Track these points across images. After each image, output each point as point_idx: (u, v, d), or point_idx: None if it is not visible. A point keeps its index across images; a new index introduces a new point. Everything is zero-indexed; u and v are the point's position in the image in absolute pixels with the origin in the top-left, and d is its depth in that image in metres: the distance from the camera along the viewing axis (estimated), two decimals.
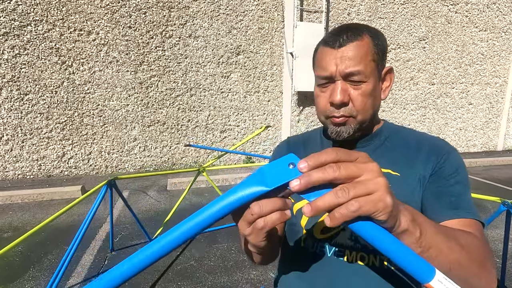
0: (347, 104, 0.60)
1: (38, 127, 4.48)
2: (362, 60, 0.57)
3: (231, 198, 0.33)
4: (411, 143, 0.66)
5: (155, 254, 0.33)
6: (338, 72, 0.58)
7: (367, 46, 0.58)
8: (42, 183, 4.33)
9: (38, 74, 4.35)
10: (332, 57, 0.59)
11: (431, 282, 0.31)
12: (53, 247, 2.60)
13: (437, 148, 0.63)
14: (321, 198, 0.31)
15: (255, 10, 5.06)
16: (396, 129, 0.71)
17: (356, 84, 0.59)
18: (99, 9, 4.41)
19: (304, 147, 0.74)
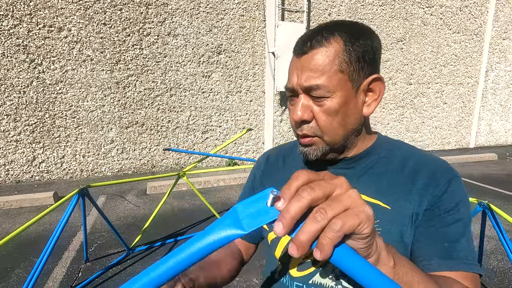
0: (309, 122, 0.51)
1: (5, 130, 4.18)
2: (324, 71, 0.48)
3: (200, 244, 0.28)
4: (408, 167, 0.55)
5: None
6: (299, 84, 0.50)
7: (334, 54, 0.48)
8: (10, 189, 4.05)
9: (3, 73, 4.06)
10: (294, 67, 0.51)
11: None
12: (21, 260, 2.42)
13: (437, 174, 0.53)
14: (301, 231, 0.27)
15: (236, 9, 4.98)
16: (391, 148, 0.59)
17: (317, 100, 0.50)
18: (71, 4, 4.18)
19: (283, 163, 0.66)
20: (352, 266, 0.28)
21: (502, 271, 2.32)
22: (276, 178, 0.64)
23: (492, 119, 7.61)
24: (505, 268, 2.35)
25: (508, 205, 3.69)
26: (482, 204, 1.69)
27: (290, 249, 0.27)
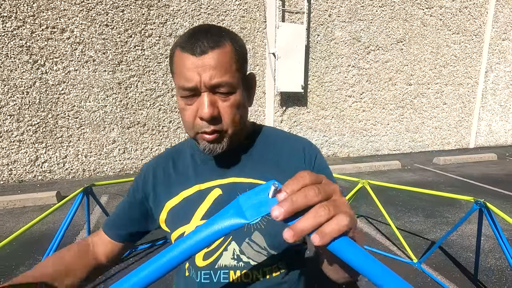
0: (219, 118, 0.53)
1: (8, 130, 4.23)
2: (227, 69, 0.51)
3: (206, 232, 0.31)
4: (284, 146, 0.64)
5: None
6: (203, 83, 0.50)
7: (230, 54, 0.52)
8: (14, 189, 4.09)
9: (7, 74, 4.11)
10: (193, 65, 0.50)
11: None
12: (26, 258, 2.46)
13: (304, 150, 0.64)
14: (303, 220, 0.30)
15: (237, 10, 5.02)
16: (265, 133, 0.66)
17: (224, 95, 0.52)
18: (74, 6, 4.22)
19: (174, 168, 0.65)
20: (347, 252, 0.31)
21: (500, 270, 2.35)
22: (174, 182, 0.63)
23: (492, 119, 7.63)
24: (502, 267, 2.38)
25: (506, 205, 3.71)
26: (479, 202, 1.73)
27: (285, 233, 0.29)
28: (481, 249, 2.66)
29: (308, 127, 5.92)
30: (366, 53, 6.04)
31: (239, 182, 0.59)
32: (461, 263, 2.46)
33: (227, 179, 0.60)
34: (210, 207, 0.58)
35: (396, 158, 6.15)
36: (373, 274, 0.31)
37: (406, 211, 3.52)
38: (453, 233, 2.96)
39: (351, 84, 6.06)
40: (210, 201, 0.58)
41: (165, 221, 0.61)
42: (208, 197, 0.59)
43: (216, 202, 0.58)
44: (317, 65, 5.73)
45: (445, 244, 2.74)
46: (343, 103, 6.08)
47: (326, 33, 5.66)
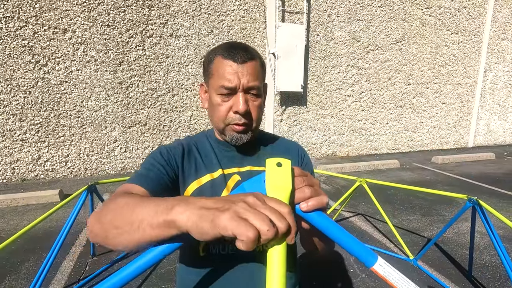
0: (250, 114, 0.66)
1: (11, 129, 4.28)
2: (258, 77, 0.65)
3: None
4: (284, 144, 0.80)
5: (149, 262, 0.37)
6: (242, 85, 0.63)
7: (259, 66, 0.66)
8: (16, 187, 4.15)
9: (9, 74, 4.16)
10: (234, 70, 0.63)
11: (374, 266, 0.38)
12: (31, 254, 2.51)
13: (300, 150, 0.80)
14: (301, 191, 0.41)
15: (237, 10, 5.06)
16: (266, 134, 0.82)
17: (254, 97, 0.66)
18: (75, 6, 4.26)
19: (198, 150, 0.73)
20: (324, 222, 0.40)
21: (494, 266, 2.40)
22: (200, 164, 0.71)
23: (490, 119, 7.68)
24: (497, 263, 2.44)
25: (503, 203, 3.76)
26: (472, 200, 1.78)
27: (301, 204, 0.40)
28: (477, 246, 2.71)
29: (307, 127, 5.96)
30: (365, 53, 6.08)
31: (255, 170, 0.71)
32: (456, 260, 2.51)
33: (245, 167, 0.71)
34: (231, 191, 0.67)
35: (395, 157, 6.20)
36: (342, 240, 0.40)
37: (404, 209, 3.57)
38: (449, 230, 3.02)
39: (351, 84, 6.10)
40: (230, 185, 0.68)
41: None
42: (229, 182, 0.69)
43: (235, 187, 0.68)
44: (317, 65, 5.77)
45: (441, 242, 2.80)
46: (343, 102, 6.13)
47: (326, 33, 5.70)
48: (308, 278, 2.23)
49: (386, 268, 0.39)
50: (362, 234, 2.94)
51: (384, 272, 0.39)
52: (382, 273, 0.39)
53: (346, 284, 2.16)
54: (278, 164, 0.40)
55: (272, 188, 0.38)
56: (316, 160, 5.96)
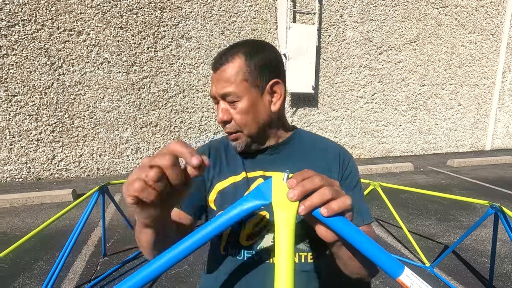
0: (229, 122, 0.63)
1: (27, 129, 4.38)
2: (232, 81, 0.60)
3: (236, 211, 0.38)
4: (323, 148, 0.71)
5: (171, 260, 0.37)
6: (217, 93, 0.62)
7: (238, 67, 0.60)
8: (31, 186, 4.24)
9: (26, 75, 4.26)
10: (212, 79, 0.64)
11: (400, 277, 0.36)
12: (43, 253, 2.55)
13: (341, 153, 0.70)
14: (312, 196, 0.37)
15: (248, 12, 5.05)
16: (306, 136, 0.74)
17: (231, 104, 0.62)
18: (90, 9, 4.34)
19: (225, 153, 0.73)
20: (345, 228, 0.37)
21: None
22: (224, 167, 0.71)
23: (509, 121, 7.41)
24: None
25: None
26: (494, 206, 1.69)
27: (300, 210, 0.36)
28: (497, 254, 2.60)
29: (318, 128, 5.89)
30: (378, 54, 5.96)
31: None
32: (475, 268, 2.40)
33: (270, 172, 0.68)
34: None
35: (409, 160, 6.05)
36: (368, 249, 0.37)
37: (419, 214, 3.46)
38: (467, 237, 2.90)
39: (363, 85, 6.00)
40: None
41: (214, 200, 0.68)
42: (253, 185, 0.66)
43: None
44: (328, 66, 5.70)
45: (458, 249, 2.69)
46: (354, 104, 6.02)
47: (338, 33, 5.63)
48: None
49: (413, 279, 0.37)
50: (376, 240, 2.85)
51: (411, 283, 0.36)
52: (409, 285, 0.36)
53: None
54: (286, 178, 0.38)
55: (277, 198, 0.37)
56: None
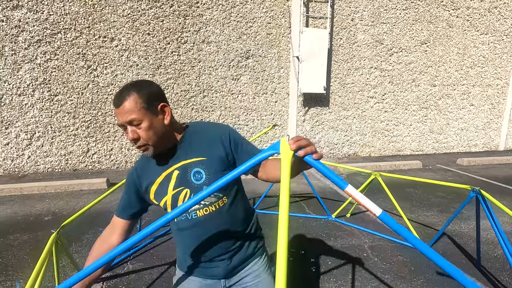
0: (139, 139, 0.89)
1: (66, 125, 4.93)
2: (133, 110, 0.86)
3: (260, 156, 0.70)
4: (207, 135, 1.00)
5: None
6: (124, 122, 0.88)
7: (134, 100, 0.86)
8: (69, 176, 4.77)
9: (66, 77, 4.80)
10: (117, 113, 0.89)
11: (346, 189, 0.66)
12: (88, 229, 3.00)
13: (219, 133, 1.00)
14: (307, 149, 0.68)
15: (264, 17, 5.41)
16: (196, 129, 1.03)
17: (137, 126, 0.88)
18: (121, 17, 4.83)
19: (148, 163, 1.01)
20: (315, 164, 0.68)
21: (505, 258, 2.52)
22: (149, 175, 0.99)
23: None
24: None
25: None
26: (475, 190, 1.96)
27: (300, 152, 0.68)
28: (491, 240, 2.83)
29: (329, 127, 6.17)
30: (389, 55, 6.17)
31: (188, 162, 0.96)
32: (468, 252, 2.65)
33: (179, 163, 0.97)
34: (175, 182, 0.96)
35: (419, 158, 6.21)
36: (328, 175, 0.66)
37: (421, 206, 3.70)
38: (465, 226, 3.14)
39: (373, 86, 6.22)
40: (174, 178, 0.96)
41: (154, 198, 0.99)
42: (172, 176, 0.96)
43: (178, 178, 0.96)
44: (340, 67, 5.97)
45: (455, 235, 2.94)
46: (365, 104, 6.26)
47: (349, 36, 5.89)
48: (324, 260, 2.50)
49: (354, 191, 0.66)
50: (377, 226, 3.14)
51: (353, 192, 0.68)
52: (352, 194, 0.67)
53: (359, 267, 2.40)
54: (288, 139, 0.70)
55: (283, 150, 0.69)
56: (337, 160, 6.14)
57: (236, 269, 1.03)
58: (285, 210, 0.58)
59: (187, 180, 0.94)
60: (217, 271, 1.00)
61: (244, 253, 1.04)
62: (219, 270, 1.00)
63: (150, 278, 2.23)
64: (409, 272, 2.33)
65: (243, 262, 1.04)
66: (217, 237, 0.98)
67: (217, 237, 0.98)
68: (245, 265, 1.04)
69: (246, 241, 1.04)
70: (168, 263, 2.43)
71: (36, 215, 3.37)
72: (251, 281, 1.05)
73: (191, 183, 0.94)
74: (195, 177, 0.94)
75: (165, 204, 0.96)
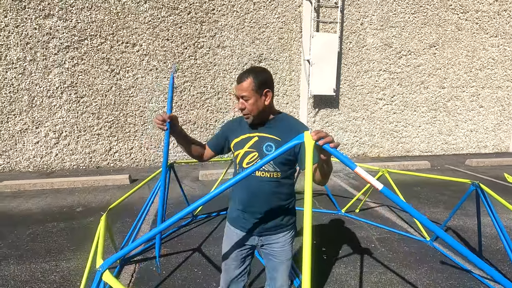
0: (245, 109, 1.24)
1: (91, 125, 5.27)
2: (246, 90, 1.21)
3: (287, 146, 0.92)
4: (289, 125, 1.29)
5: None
6: (238, 95, 1.24)
7: (249, 83, 1.21)
8: (93, 172, 5.10)
9: (91, 80, 5.14)
10: (236, 88, 1.25)
11: (355, 169, 0.87)
12: (116, 220, 3.28)
13: (302, 128, 1.26)
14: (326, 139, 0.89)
15: (276, 23, 5.66)
16: (284, 118, 1.33)
17: (246, 100, 1.23)
18: (143, 24, 5.15)
19: (239, 124, 1.37)
20: (333, 150, 0.90)
21: None
22: (238, 131, 1.34)
23: None
24: None
25: None
26: (474, 183, 2.14)
27: (320, 142, 0.89)
28: (494, 235, 2.98)
29: (339, 128, 6.35)
30: (398, 58, 6.32)
31: (266, 136, 1.27)
32: (471, 245, 2.81)
33: (261, 134, 1.29)
34: (252, 144, 1.28)
35: (427, 159, 6.33)
36: (340, 157, 0.88)
37: (428, 203, 3.86)
38: (470, 221, 3.29)
39: (382, 88, 6.38)
40: (252, 141, 1.28)
41: (233, 147, 1.35)
42: (252, 140, 1.29)
43: (255, 142, 1.27)
44: (349, 70, 6.15)
45: (460, 229, 3.10)
46: (374, 105, 6.42)
47: (358, 40, 6.07)
48: (334, 250, 2.71)
49: (362, 171, 0.88)
50: (385, 220, 3.32)
51: (361, 172, 0.89)
52: (360, 173, 0.89)
53: (367, 256, 2.60)
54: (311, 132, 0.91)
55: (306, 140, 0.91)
56: None
57: (269, 231, 1.30)
58: (309, 192, 0.79)
59: (260, 147, 1.25)
60: (255, 226, 1.29)
61: (280, 221, 1.30)
62: (256, 226, 1.29)
63: (176, 261, 2.49)
64: (414, 261, 2.51)
65: (277, 229, 1.30)
66: (263, 197, 1.26)
67: (263, 197, 1.26)
68: (277, 232, 1.31)
69: (283, 212, 1.30)
70: (191, 249, 2.68)
71: (69, 206, 3.68)
72: (278, 248, 1.31)
73: (261, 151, 1.25)
74: (266, 148, 1.25)
75: (238, 154, 1.31)
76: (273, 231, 1.30)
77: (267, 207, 1.27)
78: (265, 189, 1.25)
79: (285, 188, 1.29)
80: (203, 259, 2.50)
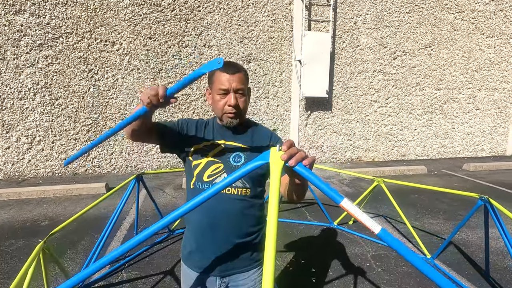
0: (239, 106, 1.00)
1: (67, 129, 4.91)
2: (243, 83, 0.99)
3: (250, 166, 0.64)
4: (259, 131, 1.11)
5: None
6: (232, 88, 0.97)
7: (245, 76, 1.01)
8: (69, 180, 4.74)
9: (67, 81, 4.80)
10: (228, 79, 0.96)
11: (341, 203, 0.57)
12: (84, 235, 2.95)
13: (272, 133, 1.12)
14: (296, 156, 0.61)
15: (266, 21, 5.38)
16: (252, 123, 1.13)
17: (241, 95, 0.99)
18: (123, 22, 4.83)
19: (205, 128, 1.10)
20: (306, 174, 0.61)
21: None
22: (201, 136, 1.07)
23: None
24: None
25: None
26: (483, 198, 1.87)
27: (290, 162, 0.60)
28: (500, 250, 2.71)
29: (332, 131, 6.08)
30: (393, 59, 6.09)
31: (231, 144, 1.04)
32: (476, 262, 2.54)
33: (228, 142, 1.05)
34: (216, 153, 1.03)
35: (424, 163, 6.09)
36: (320, 186, 0.59)
37: (427, 213, 3.59)
38: (473, 235, 3.02)
39: (377, 89, 6.14)
40: (217, 150, 1.04)
41: (192, 155, 1.06)
42: (216, 148, 1.04)
43: (219, 150, 1.03)
44: (342, 71, 5.90)
45: (463, 245, 2.83)
46: (368, 107, 6.17)
47: (352, 40, 5.83)
48: (325, 270, 2.41)
49: (350, 205, 0.57)
50: None
51: (349, 207, 0.59)
52: (347, 208, 0.59)
53: (362, 278, 2.31)
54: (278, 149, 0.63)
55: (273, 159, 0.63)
56: (340, 164, 6.04)
57: (236, 268, 1.02)
58: (273, 227, 0.53)
59: (226, 157, 1.02)
60: (215, 263, 1.00)
61: (250, 254, 1.03)
62: (218, 263, 1.00)
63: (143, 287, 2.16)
64: (414, 284, 2.23)
65: (246, 264, 1.03)
66: (231, 220, 0.99)
67: (231, 220, 0.99)
68: (247, 269, 1.03)
69: (254, 241, 1.04)
70: (163, 272, 2.35)
71: (33, 220, 3.33)
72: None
73: (227, 161, 1.01)
74: (234, 159, 1.02)
75: (198, 165, 1.04)
76: (242, 268, 1.01)
77: (235, 234, 0.99)
78: (234, 209, 0.99)
79: (256, 210, 1.05)
80: (175, 285, 2.18)
